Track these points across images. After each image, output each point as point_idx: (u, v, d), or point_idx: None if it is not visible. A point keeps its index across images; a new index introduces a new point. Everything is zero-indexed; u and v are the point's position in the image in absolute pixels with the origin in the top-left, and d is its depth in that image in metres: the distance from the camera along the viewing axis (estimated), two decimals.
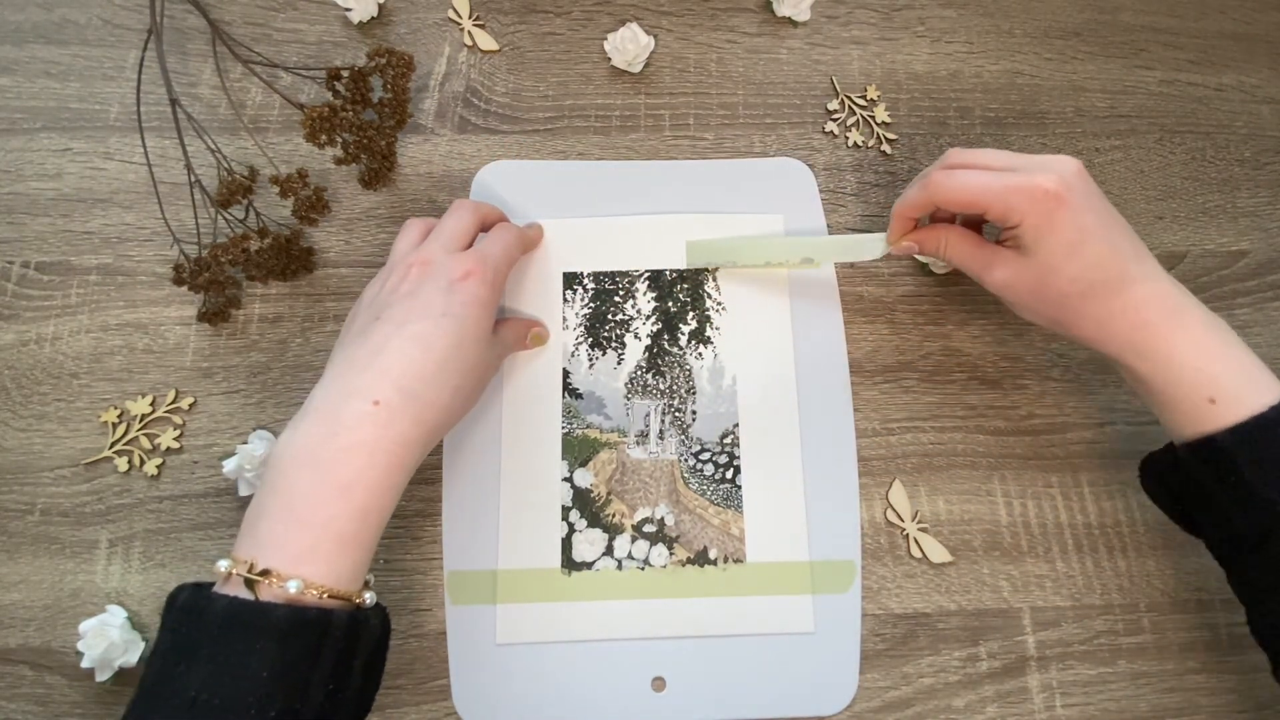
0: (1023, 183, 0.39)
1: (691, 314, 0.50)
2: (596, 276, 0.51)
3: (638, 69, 0.55)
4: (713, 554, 0.46)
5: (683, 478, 0.48)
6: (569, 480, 0.47)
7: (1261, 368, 0.38)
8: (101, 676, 0.43)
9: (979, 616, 0.47)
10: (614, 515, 0.47)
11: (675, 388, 0.49)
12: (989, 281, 0.43)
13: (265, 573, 0.33)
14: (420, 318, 0.39)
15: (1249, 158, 0.56)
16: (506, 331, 0.46)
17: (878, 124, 0.55)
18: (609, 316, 0.50)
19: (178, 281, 0.47)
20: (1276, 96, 0.58)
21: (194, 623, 0.33)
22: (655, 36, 0.56)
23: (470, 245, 0.44)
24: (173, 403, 0.48)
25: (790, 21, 0.57)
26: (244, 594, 0.33)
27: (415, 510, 0.47)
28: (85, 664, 0.42)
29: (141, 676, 0.33)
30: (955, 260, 0.44)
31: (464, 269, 0.41)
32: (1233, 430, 0.37)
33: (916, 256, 0.52)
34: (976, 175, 0.40)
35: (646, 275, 0.51)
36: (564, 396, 0.49)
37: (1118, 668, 0.46)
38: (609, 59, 0.55)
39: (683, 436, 0.48)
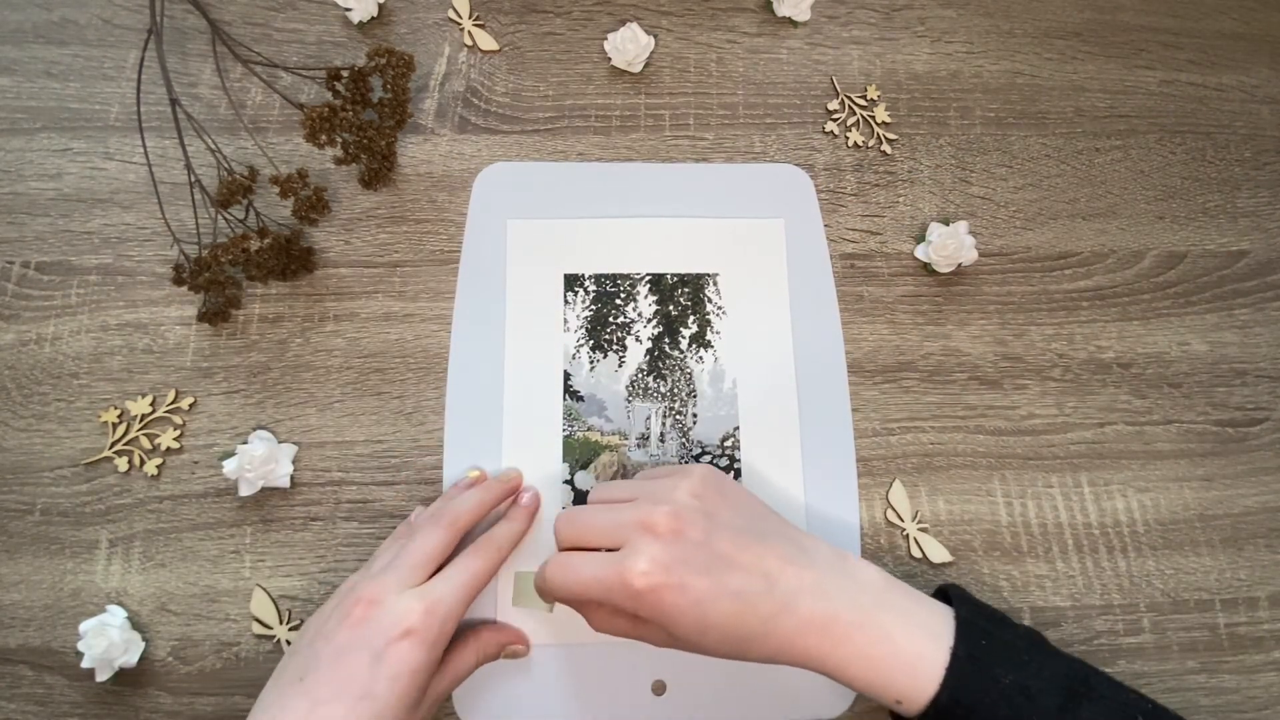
0: (615, 580, 0.36)
1: (692, 317, 0.50)
2: (598, 279, 0.51)
3: (638, 69, 0.55)
4: None
5: None
6: (570, 482, 0.47)
7: (927, 635, 0.37)
8: (101, 676, 0.43)
9: None
10: None
11: (676, 390, 0.49)
12: (652, 644, 0.39)
13: None
14: (335, 697, 0.36)
15: (1249, 158, 0.56)
16: (466, 657, 0.42)
17: (878, 124, 0.55)
18: (610, 319, 0.50)
19: (178, 281, 0.47)
20: (1276, 96, 0.58)
21: None
22: (655, 36, 0.56)
23: (436, 569, 0.41)
24: (173, 403, 0.48)
25: (790, 21, 0.57)
26: None
27: None
28: (85, 664, 0.42)
29: None
30: (610, 632, 0.39)
31: (404, 627, 0.37)
32: None
33: (917, 255, 0.52)
34: (578, 571, 0.37)
35: (648, 278, 0.51)
36: (565, 399, 0.49)
37: (1118, 668, 0.46)
38: (609, 59, 0.55)
39: (684, 439, 0.48)
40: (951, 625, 0.37)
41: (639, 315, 0.50)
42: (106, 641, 0.42)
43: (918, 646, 0.37)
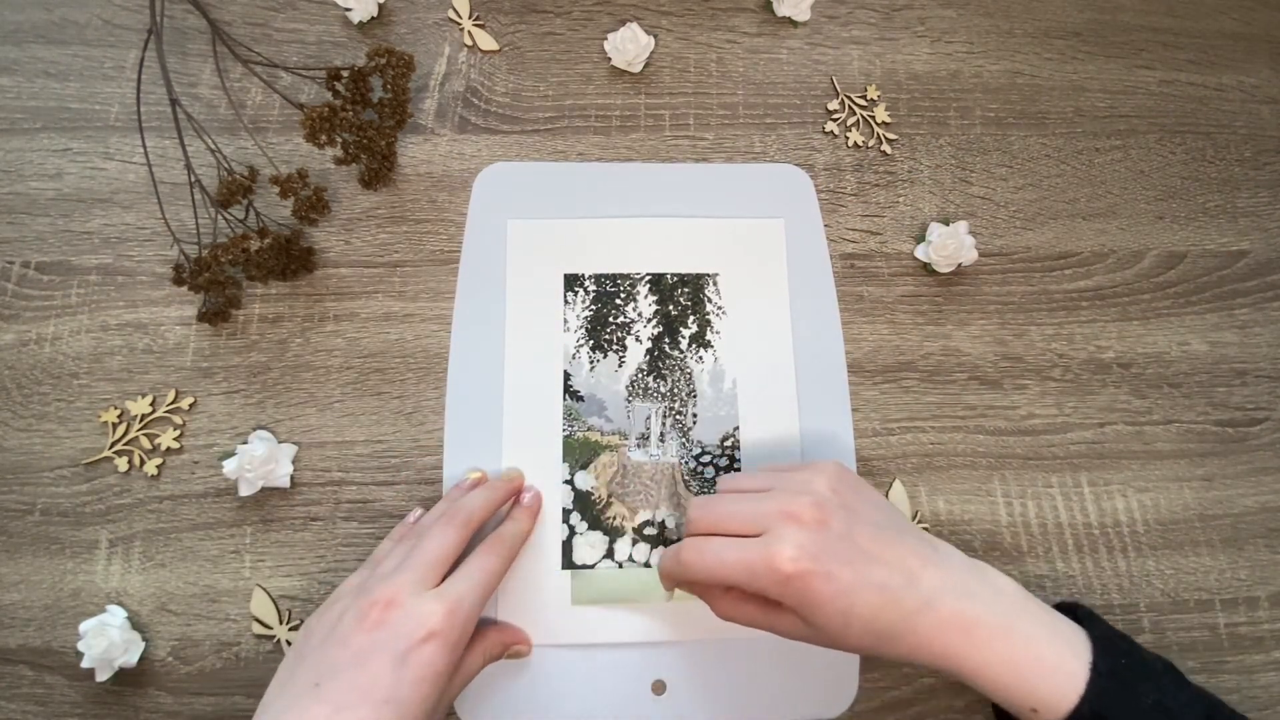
0: (762, 565, 0.36)
1: (692, 317, 0.50)
2: (598, 279, 0.51)
3: (638, 69, 0.55)
4: None
5: (684, 480, 0.48)
6: (570, 483, 0.47)
7: (1067, 646, 0.37)
8: (101, 676, 0.43)
9: None
10: (615, 518, 0.47)
11: (676, 390, 0.49)
12: (786, 638, 0.40)
13: None
14: (358, 702, 0.35)
15: (1249, 158, 0.56)
16: (474, 658, 0.41)
17: (878, 124, 0.55)
18: (610, 319, 0.50)
19: (178, 281, 0.47)
20: (1276, 96, 0.58)
21: None
22: (655, 36, 0.56)
23: (451, 569, 0.41)
24: (173, 403, 0.48)
25: (790, 21, 0.57)
26: None
27: None
28: (85, 664, 0.42)
29: None
30: (740, 622, 0.40)
31: (427, 629, 0.37)
32: None
33: (917, 255, 0.52)
34: (718, 556, 0.38)
35: (648, 278, 0.51)
36: (565, 399, 0.49)
37: None
38: (609, 59, 0.55)
39: (684, 439, 0.48)
40: (1086, 640, 0.37)
41: (639, 315, 0.50)
42: (106, 641, 0.42)
43: (1058, 656, 0.36)
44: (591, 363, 0.49)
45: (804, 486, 0.39)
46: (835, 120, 0.55)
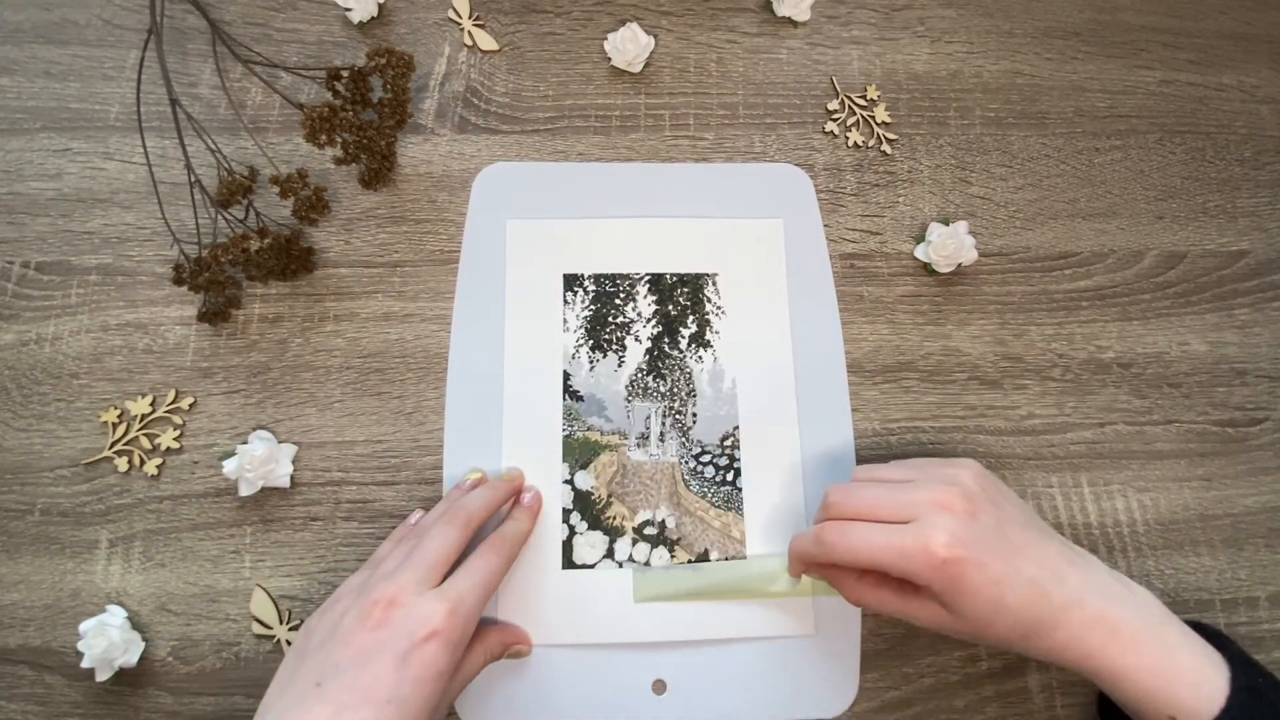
0: (915, 548, 0.37)
1: (691, 317, 0.50)
2: (597, 279, 0.51)
3: (638, 69, 0.55)
4: (714, 556, 0.46)
5: (683, 480, 0.48)
6: (570, 483, 0.47)
7: (1207, 659, 0.37)
8: (101, 676, 0.43)
9: None
10: (615, 518, 0.47)
11: (676, 390, 0.49)
12: (922, 627, 0.40)
13: None
14: (360, 702, 0.35)
15: (1249, 158, 0.56)
16: (474, 658, 0.41)
17: (878, 124, 0.55)
18: (609, 319, 0.50)
19: (178, 281, 0.47)
20: (1276, 96, 0.58)
21: None
22: (655, 36, 0.56)
23: (451, 568, 0.40)
24: (173, 403, 0.48)
25: (790, 21, 0.57)
26: None
27: None
28: (85, 664, 0.42)
29: None
30: (872, 607, 0.41)
31: (429, 629, 0.37)
32: None
33: (917, 255, 0.52)
34: (866, 538, 0.38)
35: (647, 278, 0.51)
36: (564, 399, 0.49)
37: None
38: (609, 59, 0.55)
39: (683, 439, 0.48)
40: (1222, 655, 0.38)
41: (638, 315, 0.50)
42: (106, 641, 0.42)
43: (1200, 667, 0.37)
44: (591, 363, 0.49)
45: (951, 479, 0.39)
46: (835, 120, 0.55)
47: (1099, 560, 0.40)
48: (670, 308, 0.51)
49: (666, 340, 0.50)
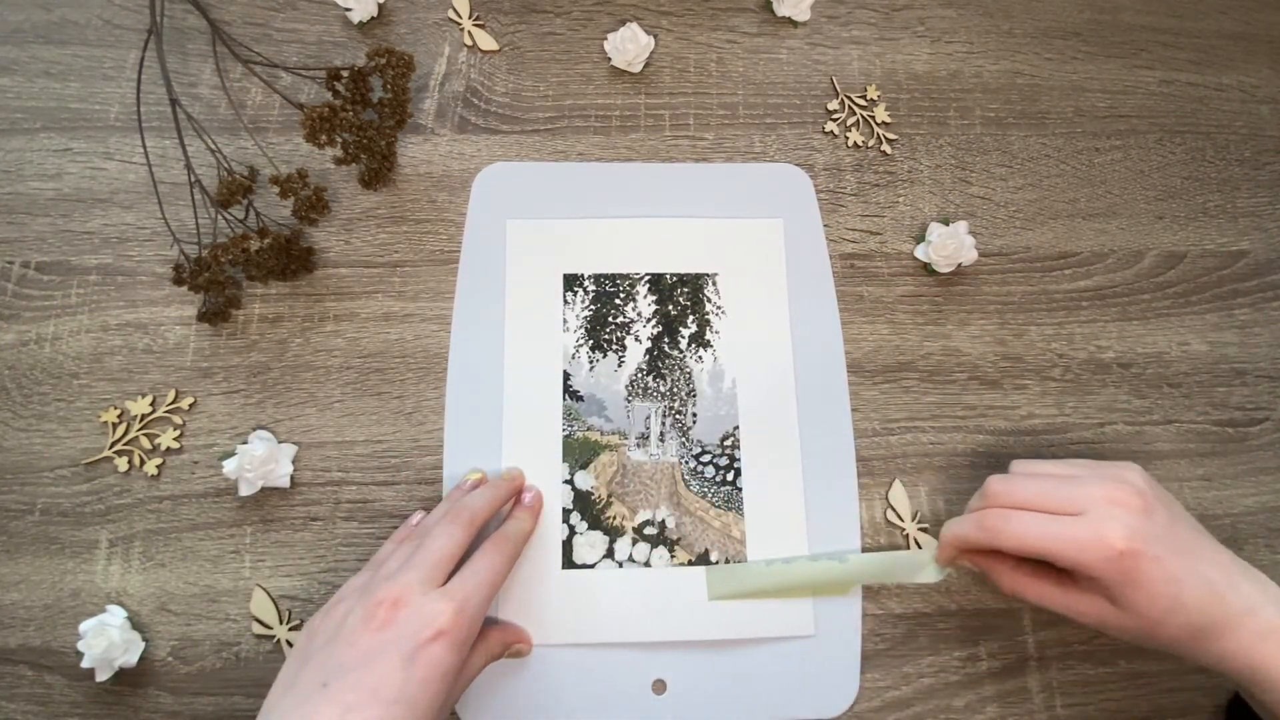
0: (1089, 539, 0.36)
1: (691, 317, 0.50)
2: (597, 279, 0.51)
3: (638, 69, 0.55)
4: (714, 556, 0.46)
5: (683, 480, 0.48)
6: (569, 482, 0.47)
7: None
8: (101, 676, 0.43)
9: (979, 616, 0.47)
10: (615, 518, 0.47)
11: (675, 390, 0.49)
12: (1080, 622, 0.40)
13: None
14: (367, 702, 0.34)
15: (1249, 158, 0.56)
16: (476, 658, 0.41)
17: (878, 124, 0.55)
18: (609, 319, 0.50)
19: (178, 281, 0.47)
20: (1276, 96, 0.58)
21: None
22: (655, 36, 0.56)
23: (456, 567, 0.40)
24: (173, 403, 0.48)
25: (790, 21, 0.57)
26: None
27: None
28: (85, 664, 0.42)
29: None
30: (1029, 599, 0.40)
31: (435, 628, 0.36)
32: None
33: (917, 256, 0.52)
34: (1036, 526, 0.38)
35: (647, 278, 0.51)
36: (564, 399, 0.49)
37: (1118, 668, 0.46)
38: (609, 59, 0.55)
39: (683, 439, 0.48)
40: None
41: (638, 315, 0.50)
42: (106, 641, 0.42)
43: None
44: (591, 362, 0.49)
45: (1120, 476, 0.39)
46: (835, 120, 0.55)
47: (1259, 572, 0.39)
48: (670, 308, 0.51)
49: (666, 340, 0.50)
